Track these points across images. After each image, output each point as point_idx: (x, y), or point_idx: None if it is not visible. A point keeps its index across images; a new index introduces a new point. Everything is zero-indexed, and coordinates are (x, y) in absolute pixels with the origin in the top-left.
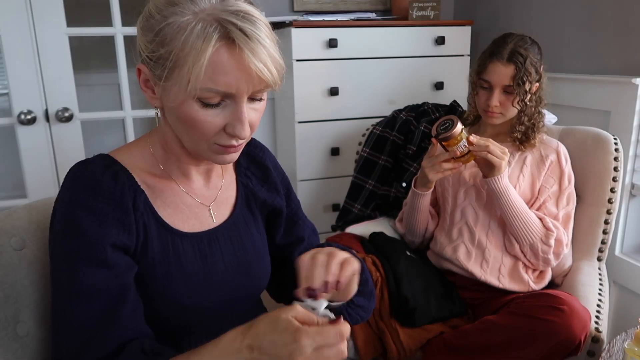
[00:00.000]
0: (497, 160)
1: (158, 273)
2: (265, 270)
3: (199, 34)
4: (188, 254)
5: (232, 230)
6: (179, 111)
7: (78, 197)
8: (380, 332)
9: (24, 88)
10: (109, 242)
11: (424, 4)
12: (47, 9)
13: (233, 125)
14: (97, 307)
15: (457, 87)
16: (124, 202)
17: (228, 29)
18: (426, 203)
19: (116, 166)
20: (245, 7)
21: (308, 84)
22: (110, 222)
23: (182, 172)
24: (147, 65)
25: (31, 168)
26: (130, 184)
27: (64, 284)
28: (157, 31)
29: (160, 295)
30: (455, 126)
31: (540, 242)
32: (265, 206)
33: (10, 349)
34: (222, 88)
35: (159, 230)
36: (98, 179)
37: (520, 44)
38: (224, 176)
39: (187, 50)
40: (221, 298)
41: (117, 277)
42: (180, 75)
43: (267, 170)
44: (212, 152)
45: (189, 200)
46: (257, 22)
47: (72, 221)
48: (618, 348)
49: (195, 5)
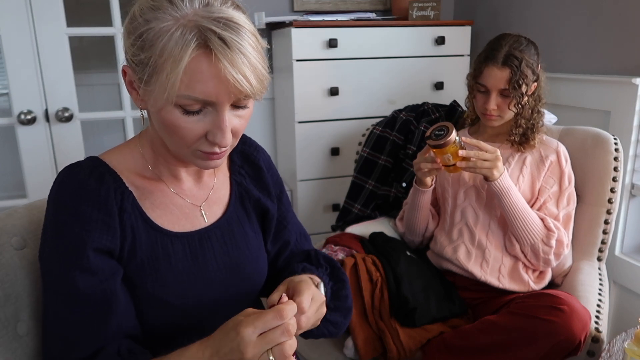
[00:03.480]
0: (487, 171)
1: (148, 274)
2: (260, 270)
3: (178, 40)
4: (178, 253)
5: (224, 230)
6: (160, 116)
7: (63, 201)
8: (380, 332)
9: (24, 88)
10: (92, 247)
11: (424, 4)
12: (47, 9)
13: (214, 133)
14: (81, 312)
15: (457, 87)
16: (108, 204)
17: (207, 36)
18: (427, 200)
19: (103, 168)
20: (229, 14)
21: (308, 84)
22: (94, 225)
23: (171, 174)
24: (131, 68)
25: (31, 168)
26: (117, 185)
27: (50, 286)
28: (139, 35)
29: (151, 296)
30: (448, 136)
31: (542, 243)
32: (259, 205)
33: (10, 348)
34: (200, 96)
35: (147, 231)
36: (83, 181)
37: (515, 46)
38: (216, 175)
39: (165, 57)
40: (214, 298)
41: (102, 282)
42: (158, 81)
43: (260, 171)
44: (195, 157)
45: (179, 201)
46: (240, 30)
47: (57, 225)
48: (618, 348)
49: (177, 10)
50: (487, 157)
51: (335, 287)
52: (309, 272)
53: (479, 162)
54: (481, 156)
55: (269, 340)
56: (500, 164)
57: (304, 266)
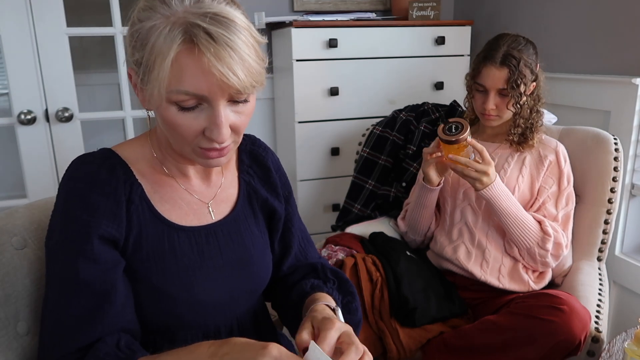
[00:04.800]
0: (470, 180)
1: (153, 267)
2: (266, 268)
3: (166, 37)
4: (184, 247)
5: (231, 227)
6: (159, 114)
7: (74, 190)
8: (380, 332)
9: (24, 88)
10: (97, 234)
11: (424, 4)
12: (47, 9)
13: (210, 129)
14: (79, 300)
15: (457, 87)
16: (117, 194)
17: (193, 31)
18: (433, 199)
19: (115, 160)
20: (219, 9)
21: (308, 84)
22: (102, 213)
23: (180, 171)
24: (133, 70)
25: (31, 168)
26: (127, 177)
27: (52, 272)
28: (136, 36)
29: (156, 290)
30: (461, 134)
31: (538, 247)
32: (267, 206)
33: (11, 348)
34: (190, 89)
35: (154, 223)
36: (94, 171)
37: (513, 46)
38: (224, 174)
39: (155, 54)
40: (218, 294)
41: (104, 273)
42: (152, 79)
43: (269, 172)
44: (196, 155)
45: (188, 197)
46: (229, 24)
47: (66, 212)
48: (618, 348)
49: (167, 10)
50: (478, 168)
51: (345, 300)
52: (319, 290)
53: (465, 170)
54: (471, 164)
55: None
56: (485, 179)
57: (313, 283)
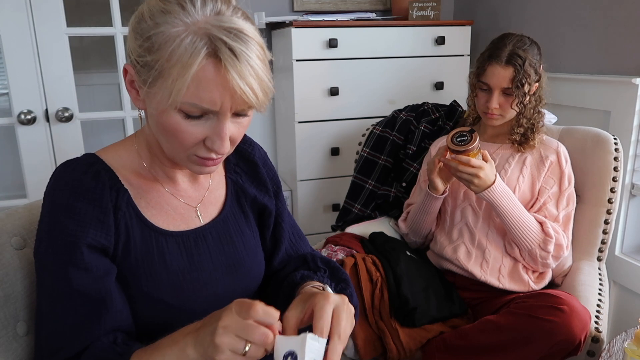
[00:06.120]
0: (464, 182)
1: (142, 273)
2: (258, 269)
3: (187, 47)
4: (173, 252)
5: (220, 229)
6: (160, 119)
7: (59, 198)
8: (380, 332)
9: (24, 88)
10: (85, 243)
11: (424, 4)
12: (47, 9)
13: (212, 140)
14: (74, 309)
15: (457, 87)
16: (103, 201)
17: (217, 46)
18: (437, 206)
19: (99, 165)
20: (240, 25)
21: (308, 84)
22: (89, 222)
23: (166, 174)
24: (134, 68)
25: (31, 168)
26: (112, 183)
27: (44, 282)
28: (147, 37)
29: (146, 295)
30: (471, 144)
31: (539, 249)
32: (256, 203)
33: (10, 348)
34: (205, 105)
35: (142, 229)
36: (78, 178)
37: (519, 45)
38: (211, 176)
39: (173, 62)
40: (210, 297)
41: (96, 280)
42: (164, 85)
43: (256, 167)
44: (190, 162)
45: (174, 202)
46: (249, 42)
47: (52, 221)
48: (618, 348)
49: (188, 17)
50: (468, 171)
51: (339, 287)
52: (308, 279)
53: (457, 172)
54: (462, 168)
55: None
56: (477, 180)
57: (302, 274)
